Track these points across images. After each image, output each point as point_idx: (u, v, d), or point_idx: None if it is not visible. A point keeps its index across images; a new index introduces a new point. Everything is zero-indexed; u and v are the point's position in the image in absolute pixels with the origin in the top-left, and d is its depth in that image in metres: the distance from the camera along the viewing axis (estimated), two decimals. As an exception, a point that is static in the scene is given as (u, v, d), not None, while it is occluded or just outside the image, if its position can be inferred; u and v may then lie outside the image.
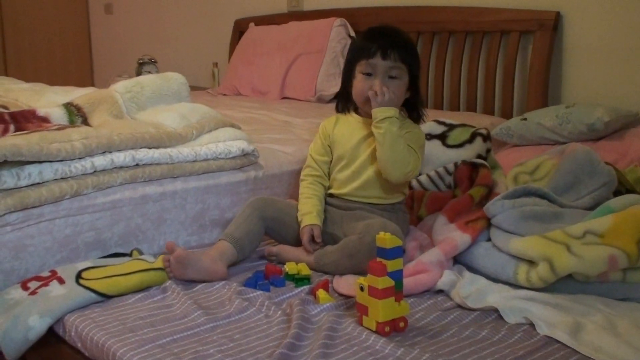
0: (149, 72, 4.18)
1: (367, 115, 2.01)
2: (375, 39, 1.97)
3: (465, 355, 1.43)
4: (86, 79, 5.76)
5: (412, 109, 2.07)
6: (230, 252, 1.89)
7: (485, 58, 3.19)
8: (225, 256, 1.88)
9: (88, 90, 2.46)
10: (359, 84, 1.99)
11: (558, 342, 1.47)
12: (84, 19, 5.87)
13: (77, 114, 2.19)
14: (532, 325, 1.54)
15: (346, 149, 2.04)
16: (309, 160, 2.14)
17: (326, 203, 2.06)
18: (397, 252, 1.54)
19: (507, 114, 3.08)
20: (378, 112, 1.92)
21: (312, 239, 1.95)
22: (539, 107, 2.86)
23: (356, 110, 2.09)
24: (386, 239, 1.52)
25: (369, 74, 1.96)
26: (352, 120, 2.08)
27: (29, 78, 3.73)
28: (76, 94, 2.40)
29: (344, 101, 2.11)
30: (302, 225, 1.97)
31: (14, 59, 5.55)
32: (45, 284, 1.72)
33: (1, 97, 2.53)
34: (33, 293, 1.70)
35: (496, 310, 1.61)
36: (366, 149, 2.01)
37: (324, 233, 1.98)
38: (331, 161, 2.09)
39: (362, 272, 1.58)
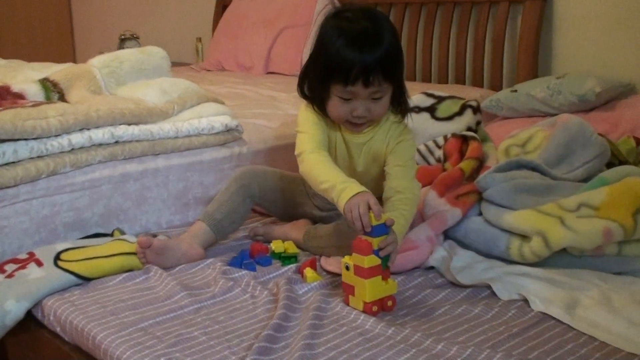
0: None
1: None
2: (355, 53, 1.59)
3: (458, 333, 1.38)
4: (68, 55, 5.63)
5: (397, 103, 1.76)
6: (207, 235, 1.81)
7: (474, 29, 3.12)
8: (202, 239, 1.81)
9: (66, 66, 2.38)
10: (336, 108, 1.68)
11: (553, 318, 1.43)
12: (65, -5, 5.75)
13: (53, 90, 2.11)
14: (526, 301, 1.50)
15: (334, 158, 1.77)
16: (308, 140, 1.72)
17: (315, 195, 1.89)
18: (382, 229, 1.48)
19: (496, 86, 3.02)
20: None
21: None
22: (528, 79, 2.81)
23: None
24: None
25: (347, 99, 1.66)
26: (332, 128, 1.78)
27: (9, 56, 3.63)
28: (54, 70, 2.33)
29: (318, 106, 1.75)
30: (348, 196, 1.51)
31: (-7, 37, 5.44)
32: (23, 267, 1.66)
33: (-24, 75, 2.45)
34: (10, 276, 1.64)
35: (489, 287, 1.56)
36: (358, 161, 1.79)
37: (311, 215, 1.91)
38: None
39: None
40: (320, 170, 1.63)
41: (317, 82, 1.70)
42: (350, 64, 1.59)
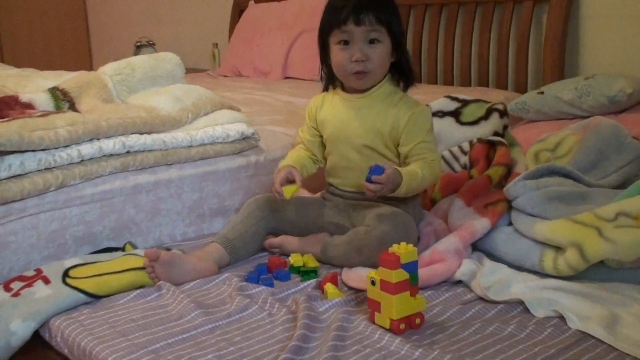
0: (146, 55, 4.03)
1: (354, 91, 1.82)
2: (344, 1, 1.73)
3: (490, 355, 1.28)
4: (84, 63, 5.60)
5: (401, 73, 1.82)
6: (220, 254, 1.74)
7: (497, 29, 3.03)
8: (214, 256, 1.73)
9: (76, 74, 2.31)
10: (337, 56, 1.76)
11: (592, 337, 1.33)
12: (81, 2, 5.71)
13: (63, 99, 2.04)
14: (562, 318, 1.39)
15: (333, 131, 1.84)
16: (296, 140, 1.97)
17: (329, 192, 1.89)
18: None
19: (521, 88, 2.93)
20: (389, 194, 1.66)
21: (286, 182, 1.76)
22: (555, 80, 2.72)
23: (342, 86, 1.86)
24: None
25: (345, 42, 1.74)
26: (337, 100, 1.86)
27: (26, 64, 3.59)
28: (64, 79, 2.26)
29: (327, 78, 1.88)
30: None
31: (9, 46, 5.40)
32: (29, 285, 1.59)
33: (-14, 84, 2.39)
34: (16, 295, 1.56)
35: (522, 303, 1.46)
36: (357, 129, 1.79)
37: (329, 223, 1.83)
38: (322, 143, 1.90)
39: (372, 266, 1.44)
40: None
41: (321, 46, 1.83)
42: (340, 8, 1.73)
